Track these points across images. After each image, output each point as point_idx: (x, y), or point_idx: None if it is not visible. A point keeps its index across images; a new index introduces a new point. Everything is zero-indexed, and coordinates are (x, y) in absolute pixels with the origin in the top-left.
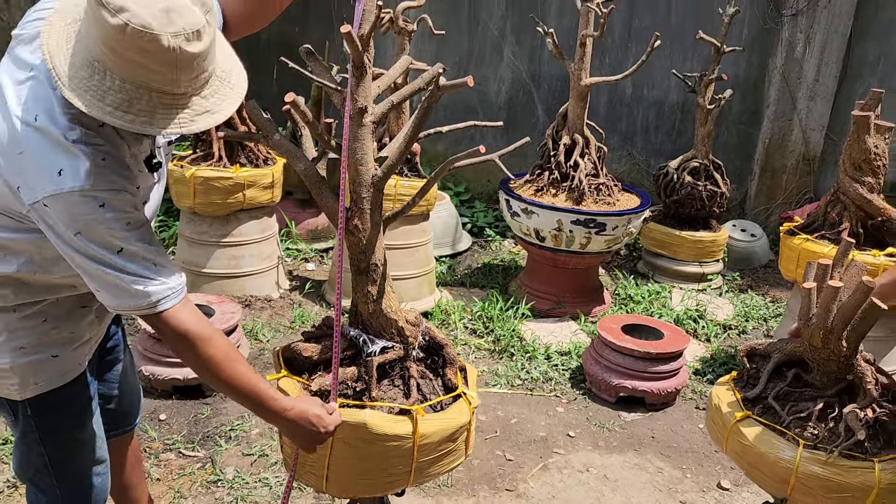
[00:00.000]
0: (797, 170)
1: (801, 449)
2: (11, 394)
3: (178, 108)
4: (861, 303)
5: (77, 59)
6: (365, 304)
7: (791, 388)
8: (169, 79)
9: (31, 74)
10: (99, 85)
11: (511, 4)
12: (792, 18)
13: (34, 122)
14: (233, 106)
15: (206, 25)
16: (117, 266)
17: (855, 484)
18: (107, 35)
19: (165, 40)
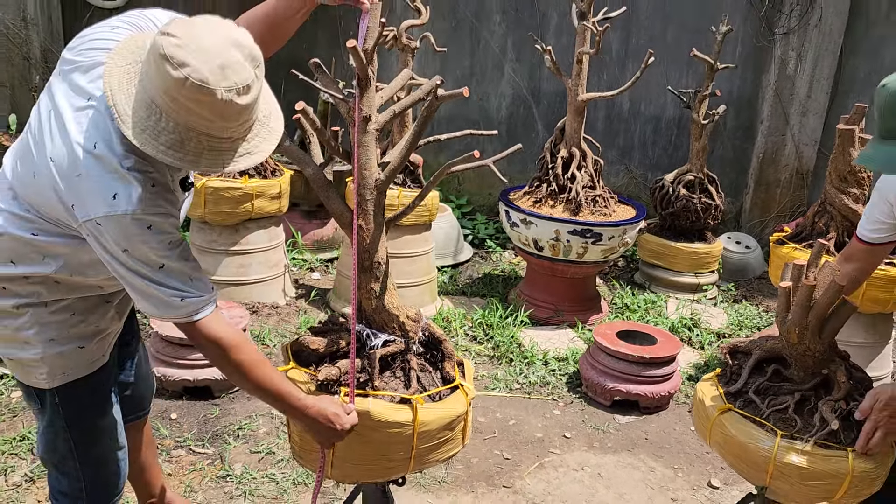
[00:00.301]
0: (791, 184)
1: (779, 439)
2: (40, 383)
3: (223, 150)
4: (833, 300)
5: (136, 100)
6: (368, 301)
7: (771, 383)
8: (218, 126)
9: (89, 103)
10: (155, 125)
11: (511, 23)
12: (784, 37)
13: (94, 150)
14: (271, 147)
15: (255, 80)
16: (158, 280)
17: (829, 471)
18: (167, 84)
19: (219, 94)
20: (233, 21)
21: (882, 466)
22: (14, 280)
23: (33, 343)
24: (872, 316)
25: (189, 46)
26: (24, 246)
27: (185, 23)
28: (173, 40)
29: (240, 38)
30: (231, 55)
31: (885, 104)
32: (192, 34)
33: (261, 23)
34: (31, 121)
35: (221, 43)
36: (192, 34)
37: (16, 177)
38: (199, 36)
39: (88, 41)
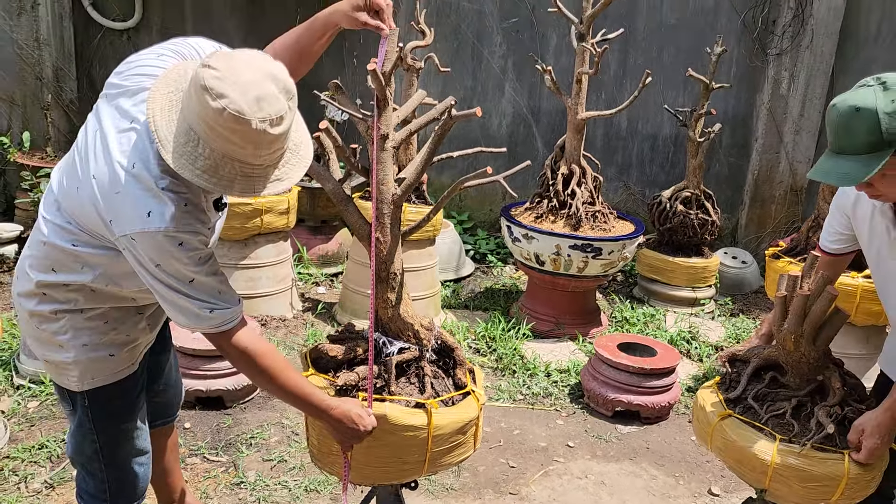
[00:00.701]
0: (785, 200)
1: (778, 443)
2: (71, 384)
3: (255, 176)
4: (826, 309)
5: (177, 127)
6: (385, 310)
7: (768, 389)
8: (251, 153)
9: (132, 125)
10: (192, 151)
11: (511, 44)
12: (777, 57)
13: (132, 169)
14: (300, 174)
15: (288, 111)
16: (188, 294)
17: (826, 474)
18: (206, 114)
19: (254, 124)
20: (264, 52)
21: (877, 469)
22: (54, 287)
23: (67, 347)
24: (865, 328)
25: (228, 79)
26: (65, 255)
27: (226, 56)
28: (214, 73)
29: (276, 72)
30: (267, 88)
31: (836, 123)
32: (232, 67)
33: (289, 50)
34: (78, 139)
35: (259, 76)
36: (231, 67)
37: (61, 190)
38: (238, 69)
39: (135, 67)
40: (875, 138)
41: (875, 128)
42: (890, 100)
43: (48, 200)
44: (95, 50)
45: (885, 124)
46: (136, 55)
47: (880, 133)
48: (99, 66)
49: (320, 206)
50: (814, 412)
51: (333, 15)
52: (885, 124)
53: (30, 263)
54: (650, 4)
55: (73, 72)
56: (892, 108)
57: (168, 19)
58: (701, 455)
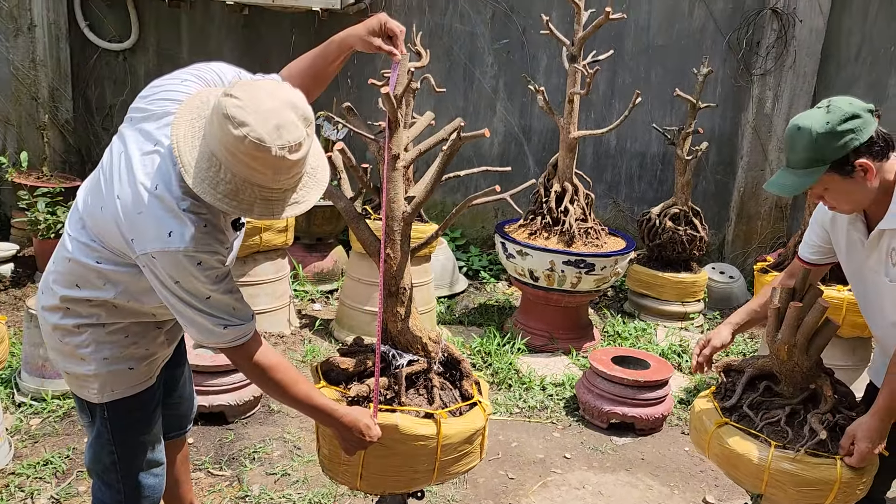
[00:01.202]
0: (770, 216)
1: (773, 449)
2: (91, 397)
3: (274, 200)
4: (819, 320)
5: (199, 152)
6: (394, 323)
7: (763, 398)
8: (270, 178)
9: (155, 148)
10: (214, 176)
11: (502, 64)
12: (761, 78)
13: (155, 191)
14: (317, 197)
15: (306, 137)
16: (205, 311)
17: (820, 478)
18: (228, 141)
19: (274, 151)
20: (280, 75)
21: (867, 474)
22: (77, 302)
23: (88, 360)
24: (851, 340)
25: (249, 108)
26: (89, 272)
27: (247, 85)
28: (236, 101)
29: (295, 100)
30: (286, 116)
31: (785, 139)
32: (253, 97)
33: (304, 72)
34: (103, 160)
35: (278, 105)
36: (253, 97)
37: (86, 209)
38: (259, 98)
39: (160, 92)
40: (810, 155)
41: (810, 146)
42: (825, 121)
43: (73, 219)
44: (91, 71)
45: (819, 144)
46: (161, 80)
47: (814, 151)
48: (95, 86)
49: (316, 223)
50: (807, 419)
51: (348, 38)
52: (819, 144)
53: (54, 279)
54: (638, 26)
55: (69, 92)
56: (825, 129)
57: (164, 41)
58: (695, 465)
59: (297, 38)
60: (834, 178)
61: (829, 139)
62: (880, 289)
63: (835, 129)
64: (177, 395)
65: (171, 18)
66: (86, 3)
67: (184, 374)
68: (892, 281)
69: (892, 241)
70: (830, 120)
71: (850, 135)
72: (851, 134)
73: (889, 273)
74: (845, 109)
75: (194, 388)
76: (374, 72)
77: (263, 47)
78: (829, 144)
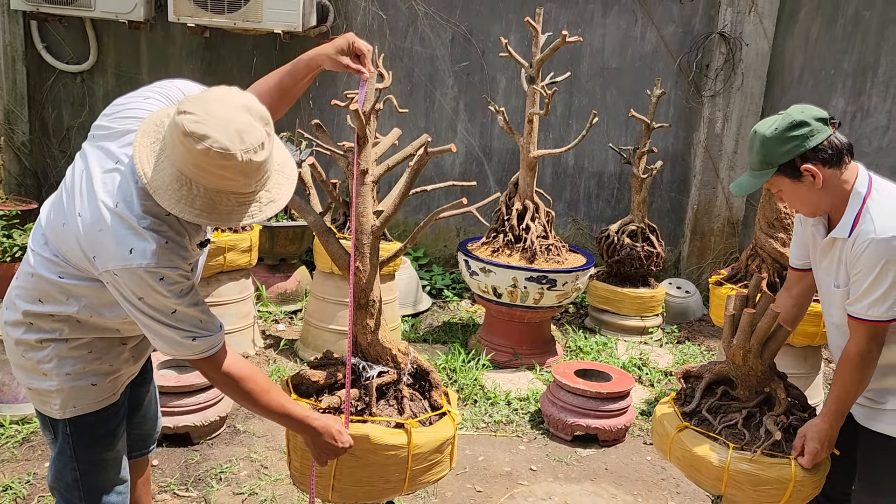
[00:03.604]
0: (723, 232)
1: (731, 451)
2: (53, 412)
3: (250, 203)
4: (771, 325)
5: (166, 175)
6: (364, 335)
7: (721, 402)
8: (242, 183)
9: (116, 166)
10: (188, 194)
11: (463, 86)
12: (711, 99)
13: (115, 208)
14: (290, 192)
15: (267, 137)
16: (171, 324)
17: (776, 477)
18: (193, 157)
19: (240, 156)
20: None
21: (821, 472)
22: (40, 317)
23: (51, 375)
24: (803, 349)
25: (206, 120)
26: (52, 287)
27: (197, 99)
28: (192, 117)
29: (247, 102)
30: (243, 120)
31: (749, 143)
32: (207, 109)
33: (271, 91)
34: (66, 177)
35: (232, 111)
36: (206, 108)
37: (48, 225)
38: (212, 109)
39: (123, 110)
40: (762, 157)
41: (759, 149)
42: (774, 127)
43: (36, 234)
44: (48, 93)
45: (767, 147)
46: (124, 97)
47: (762, 154)
48: (52, 108)
49: (279, 244)
50: (762, 421)
51: (317, 57)
52: (767, 147)
53: (17, 294)
54: (593, 49)
55: (25, 114)
56: (772, 134)
57: (123, 62)
58: (657, 473)
59: (258, 60)
60: (783, 180)
61: (776, 143)
62: (829, 292)
63: (782, 135)
64: (140, 414)
65: (131, 40)
66: (43, 25)
67: (149, 392)
68: (837, 287)
69: (842, 249)
70: (779, 126)
71: (796, 141)
72: (797, 140)
73: (838, 279)
74: (794, 117)
75: (160, 409)
76: (336, 93)
77: (225, 70)
78: (777, 149)
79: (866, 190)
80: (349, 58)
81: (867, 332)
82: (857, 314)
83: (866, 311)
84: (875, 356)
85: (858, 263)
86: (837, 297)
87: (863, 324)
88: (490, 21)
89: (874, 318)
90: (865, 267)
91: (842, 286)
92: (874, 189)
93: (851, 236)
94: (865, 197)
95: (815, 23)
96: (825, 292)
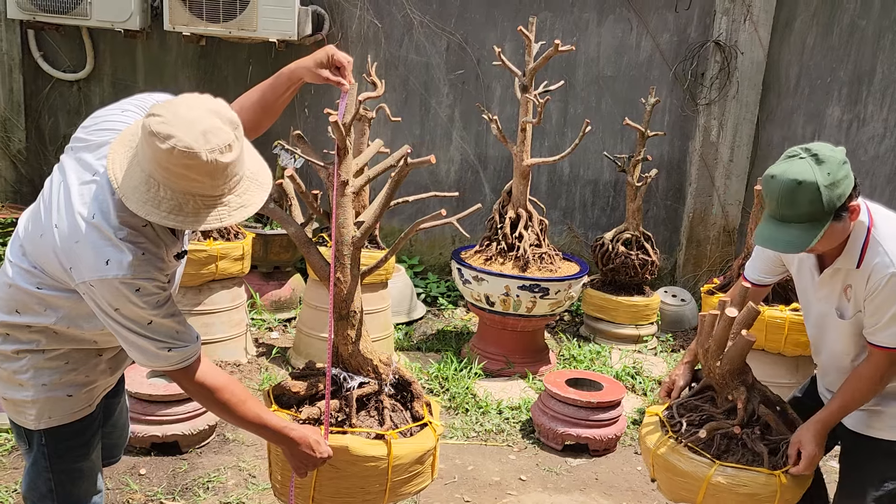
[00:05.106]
0: (719, 240)
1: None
2: (28, 422)
3: (218, 206)
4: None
5: (135, 178)
6: (345, 346)
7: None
8: (209, 185)
9: (93, 178)
10: (154, 196)
11: (458, 94)
12: (706, 107)
13: (92, 220)
14: (263, 198)
15: (235, 140)
16: (147, 335)
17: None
18: (158, 157)
19: (204, 156)
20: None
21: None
22: (17, 328)
23: (27, 386)
24: (795, 358)
25: (172, 122)
26: (29, 297)
27: (167, 103)
28: (159, 118)
29: (216, 107)
30: (211, 122)
31: (778, 194)
32: (174, 111)
33: (254, 105)
34: (44, 189)
35: (201, 113)
36: (174, 111)
37: (26, 236)
38: (181, 112)
39: (101, 122)
40: (816, 208)
41: (817, 200)
42: (826, 173)
43: (14, 245)
44: (45, 101)
45: (825, 196)
46: (103, 110)
47: (821, 204)
48: (48, 116)
49: (273, 252)
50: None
51: (297, 70)
52: (825, 196)
53: None
54: (588, 58)
55: (21, 122)
56: (829, 181)
57: (119, 71)
58: (647, 484)
59: (253, 68)
60: (832, 224)
61: (833, 189)
62: (827, 321)
63: (836, 180)
64: (110, 424)
65: (127, 49)
66: (40, 34)
67: (121, 402)
68: (841, 318)
69: (848, 278)
70: (831, 171)
71: (846, 181)
72: (847, 180)
73: (841, 309)
74: (837, 157)
75: (148, 417)
76: (330, 101)
77: (220, 78)
78: (833, 194)
79: (868, 220)
80: (329, 70)
81: (887, 358)
82: (879, 342)
83: (890, 340)
84: (891, 378)
85: (878, 297)
86: (843, 326)
87: (884, 351)
88: (485, 29)
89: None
90: (886, 301)
91: (847, 317)
92: (875, 219)
93: (862, 268)
94: (869, 227)
95: (810, 31)
96: (820, 321)
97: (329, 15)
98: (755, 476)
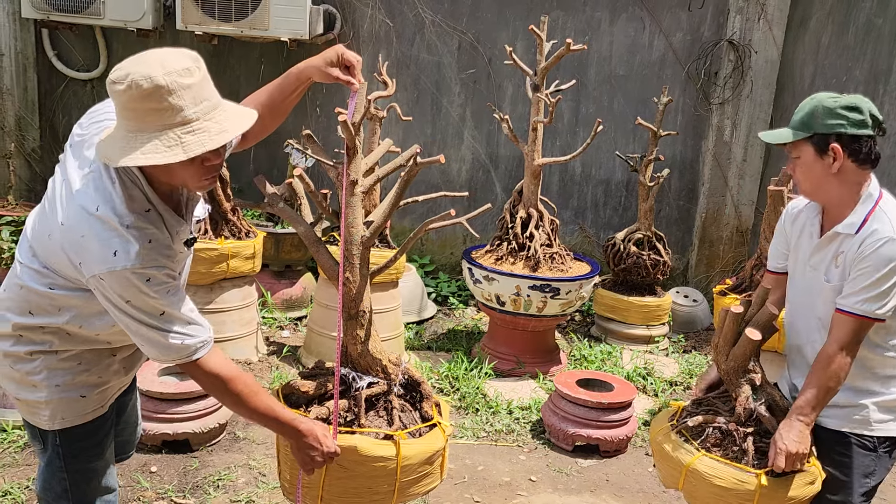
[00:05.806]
0: (732, 241)
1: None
2: (42, 423)
3: (198, 131)
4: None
5: (114, 139)
6: (354, 346)
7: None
8: (175, 106)
9: (91, 169)
10: (134, 144)
11: (469, 93)
12: (720, 106)
13: (96, 212)
14: (247, 123)
15: (195, 67)
16: (159, 327)
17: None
18: (123, 102)
19: (160, 80)
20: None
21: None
22: (31, 329)
23: (40, 387)
24: None
25: (129, 66)
26: (42, 298)
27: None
28: (115, 72)
29: (175, 49)
30: (167, 55)
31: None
32: (133, 59)
33: (263, 105)
34: (48, 188)
35: (158, 54)
36: (132, 60)
37: (35, 237)
38: (138, 58)
39: (96, 116)
40: (805, 119)
41: (810, 111)
42: (834, 100)
43: (23, 246)
44: (59, 99)
45: (816, 112)
46: (99, 105)
47: (812, 117)
48: (62, 115)
49: (284, 251)
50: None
51: (306, 70)
52: (816, 112)
53: (7, 307)
54: (600, 57)
55: (35, 121)
56: (828, 103)
57: None
58: (658, 485)
59: (265, 68)
60: (809, 150)
61: (826, 113)
62: (813, 286)
63: (836, 109)
64: (122, 421)
65: (140, 48)
66: (54, 33)
67: (132, 399)
68: (828, 282)
69: (843, 245)
70: (839, 101)
71: (844, 120)
72: (845, 120)
73: (829, 274)
74: (857, 103)
75: (159, 415)
76: (341, 101)
77: (233, 77)
78: (824, 118)
79: (878, 194)
80: (339, 69)
81: (852, 326)
82: (847, 307)
83: (859, 306)
84: (852, 355)
85: (866, 260)
86: (826, 291)
87: (850, 317)
88: (497, 28)
89: (863, 313)
90: (873, 264)
91: (833, 281)
92: (885, 196)
93: (859, 235)
94: (878, 200)
95: (825, 30)
96: (806, 288)
97: (341, 14)
98: (732, 471)
